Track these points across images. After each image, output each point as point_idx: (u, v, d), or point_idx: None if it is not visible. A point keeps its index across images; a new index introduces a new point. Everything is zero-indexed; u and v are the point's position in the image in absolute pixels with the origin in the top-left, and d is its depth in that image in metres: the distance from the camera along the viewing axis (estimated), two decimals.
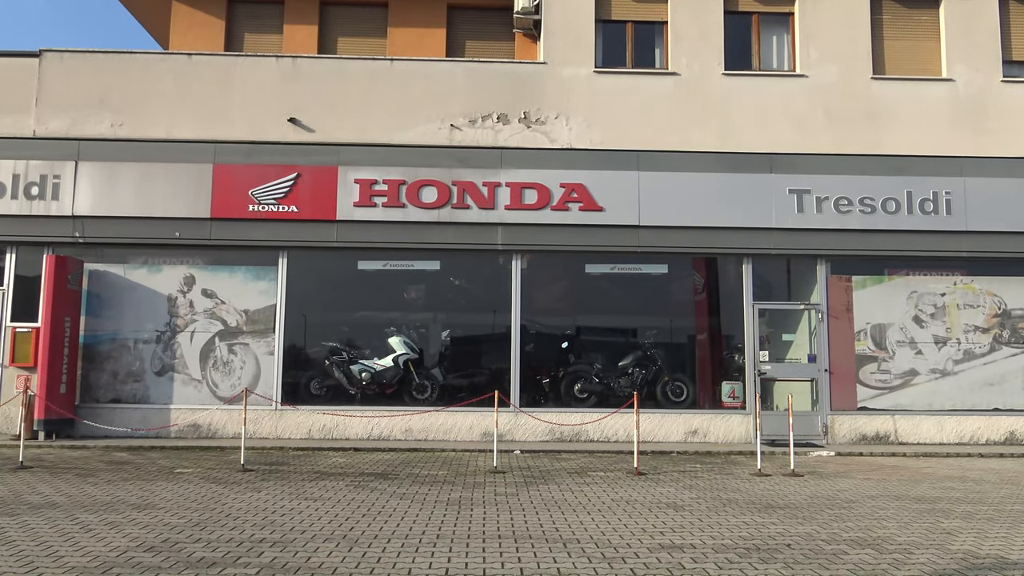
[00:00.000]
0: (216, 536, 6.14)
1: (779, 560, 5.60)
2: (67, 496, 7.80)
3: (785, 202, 13.14)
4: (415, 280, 13.62)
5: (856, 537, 6.37)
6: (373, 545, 5.91)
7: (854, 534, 6.48)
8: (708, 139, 13.29)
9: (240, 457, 10.04)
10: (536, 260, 13.33)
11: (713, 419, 12.94)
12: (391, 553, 5.66)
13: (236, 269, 13.16)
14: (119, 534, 6.16)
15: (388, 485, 8.69)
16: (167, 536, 6.12)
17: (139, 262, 13.12)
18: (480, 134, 13.20)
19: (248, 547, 5.81)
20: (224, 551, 5.69)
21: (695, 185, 13.12)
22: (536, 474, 9.62)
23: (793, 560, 5.61)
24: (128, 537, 6.06)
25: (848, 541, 6.23)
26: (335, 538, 6.12)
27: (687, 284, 13.90)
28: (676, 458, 11.36)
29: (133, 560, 5.39)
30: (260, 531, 6.34)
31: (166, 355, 12.93)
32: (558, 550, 5.81)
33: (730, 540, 6.20)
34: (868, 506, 7.76)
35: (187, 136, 13.01)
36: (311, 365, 13.32)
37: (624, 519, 6.96)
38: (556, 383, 13.31)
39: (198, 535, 6.17)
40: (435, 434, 12.69)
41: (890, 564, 5.52)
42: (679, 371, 13.58)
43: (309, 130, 13.11)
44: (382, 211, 12.91)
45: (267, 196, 12.84)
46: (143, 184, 12.86)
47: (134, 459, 10.60)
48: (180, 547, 5.78)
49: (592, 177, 13.05)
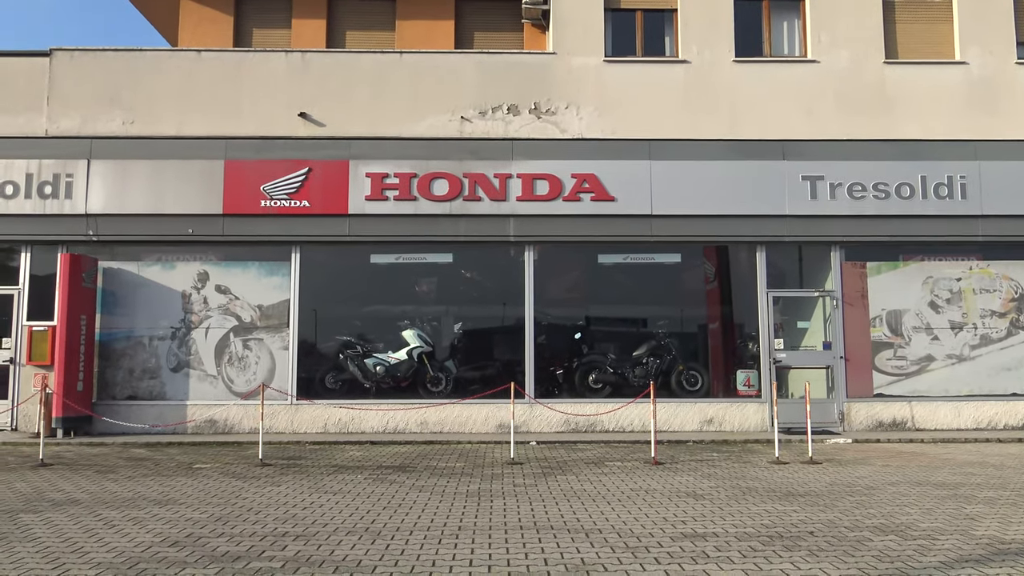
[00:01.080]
0: (239, 531, 6.16)
1: (803, 547, 5.58)
2: (88, 493, 7.84)
3: (798, 189, 13.06)
4: (427, 273, 13.62)
5: (879, 523, 6.35)
6: (396, 537, 5.92)
7: (877, 520, 6.46)
8: (720, 127, 13.22)
9: (258, 452, 10.08)
10: (548, 251, 13.30)
11: (729, 408, 12.90)
12: (414, 545, 5.67)
13: (249, 265, 13.18)
14: (142, 529, 6.19)
15: (407, 478, 8.71)
16: (190, 531, 6.14)
17: (153, 259, 13.16)
18: (491, 126, 13.17)
19: (271, 541, 5.83)
20: (248, 545, 5.71)
21: (707, 173, 13.05)
22: (553, 465, 9.64)
23: (817, 547, 5.59)
24: (152, 532, 6.09)
25: (871, 528, 6.21)
26: (357, 531, 6.14)
27: (700, 273, 13.86)
28: (693, 447, 11.35)
29: (158, 555, 5.41)
30: (282, 525, 6.36)
31: (181, 351, 12.97)
32: (580, 540, 5.81)
33: (752, 528, 6.19)
34: (889, 492, 7.73)
35: (198, 133, 13.02)
36: (325, 359, 13.35)
37: (645, 508, 6.96)
38: (570, 374, 13.31)
39: (221, 529, 6.19)
40: (450, 426, 12.70)
41: (915, 550, 5.49)
42: (693, 360, 13.55)
43: (319, 124, 13.10)
44: (394, 204, 12.89)
45: (279, 191, 12.83)
46: (155, 181, 12.88)
47: (152, 455, 10.67)
48: (204, 541, 5.80)
49: (603, 167, 13.00)
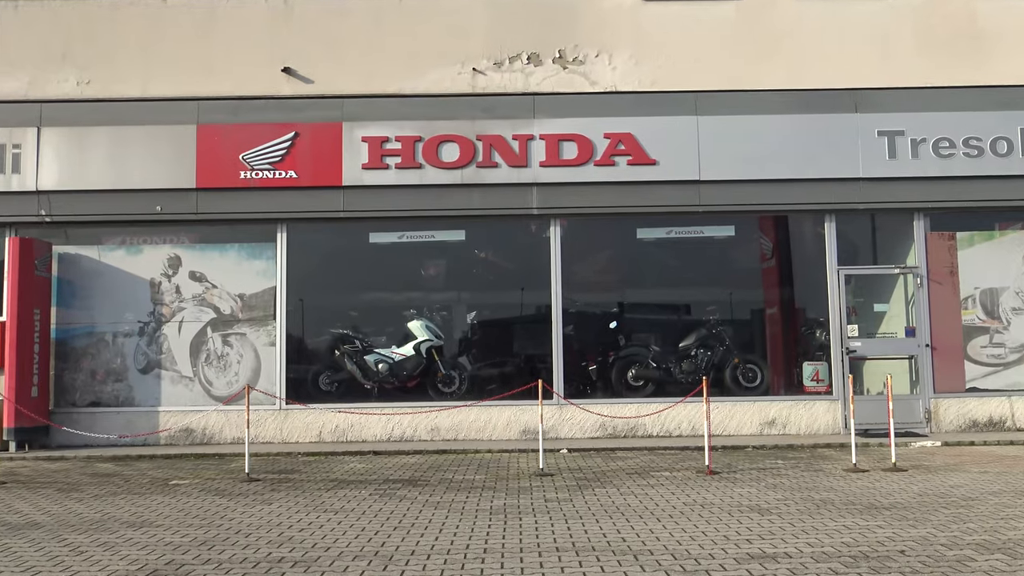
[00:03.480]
0: (228, 556, 6.19)
1: (893, 569, 5.54)
2: (50, 515, 7.88)
3: (873, 147, 12.91)
4: (436, 254, 13.63)
5: (982, 540, 6.29)
6: (411, 562, 5.92)
7: (979, 536, 6.40)
8: (778, 75, 13.07)
9: (243, 465, 10.11)
10: (578, 225, 13.25)
11: (794, 407, 12.86)
12: (433, 571, 5.68)
13: (228, 247, 13.20)
14: (116, 556, 6.22)
15: (419, 493, 8.73)
16: (171, 557, 6.17)
17: (116, 242, 13.18)
18: (507, 78, 13.09)
19: (267, 568, 5.85)
20: (240, 572, 5.73)
21: (765, 130, 12.93)
22: (590, 476, 9.64)
23: (911, 569, 5.54)
24: (127, 560, 6.12)
25: (973, 545, 6.15)
26: (366, 555, 6.14)
27: (756, 248, 13.86)
28: (752, 453, 11.36)
29: None
30: (277, 549, 6.38)
31: (151, 349, 13.03)
32: (628, 563, 5.79)
33: (831, 547, 6.16)
34: (990, 504, 7.67)
35: (165, 93, 13.00)
36: (319, 356, 13.41)
37: (701, 525, 6.94)
38: (605, 370, 13.31)
39: (206, 555, 6.22)
40: (466, 432, 12.74)
41: None
42: (750, 351, 13.57)
43: (306, 81, 13.06)
44: (395, 173, 12.87)
45: (261, 160, 12.82)
46: (117, 151, 12.89)
47: (121, 470, 10.72)
48: (188, 569, 5.83)
49: (642, 125, 12.90)
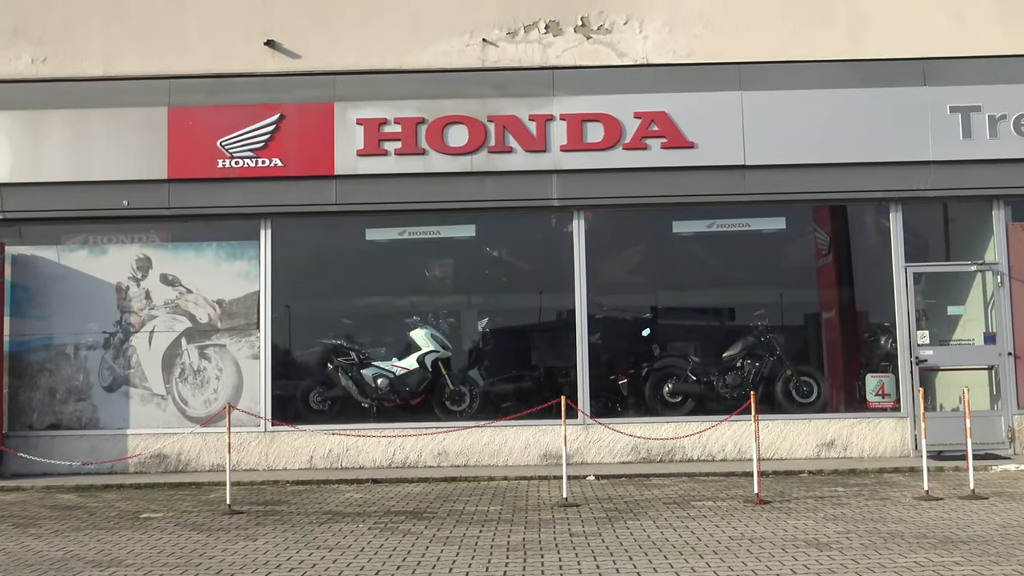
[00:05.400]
0: None
1: None
2: (6, 553, 7.85)
3: (945, 125, 12.85)
4: (442, 252, 13.64)
5: None
6: None
7: None
8: (835, 42, 13.02)
9: (224, 495, 10.08)
10: (605, 219, 13.26)
11: (855, 425, 12.77)
12: None
13: (205, 247, 13.22)
14: None
15: (425, 527, 8.68)
16: None
17: (77, 242, 13.21)
18: (523, 50, 13.07)
19: None
20: None
21: (820, 107, 12.90)
22: (621, 506, 9.61)
23: None
24: None
25: None
26: None
27: (810, 243, 13.83)
28: (808, 479, 11.29)
29: None
30: None
31: (118, 364, 13.01)
32: None
33: None
34: None
35: (132, 71, 13.02)
36: (309, 371, 13.43)
37: (752, 563, 6.89)
38: (638, 384, 13.32)
39: None
40: (478, 457, 12.70)
41: None
42: (803, 362, 13.58)
43: (293, 56, 13.07)
44: (395, 161, 12.86)
45: (241, 147, 12.82)
46: (78, 138, 12.91)
47: (85, 502, 10.67)
48: None
49: (678, 102, 12.87)
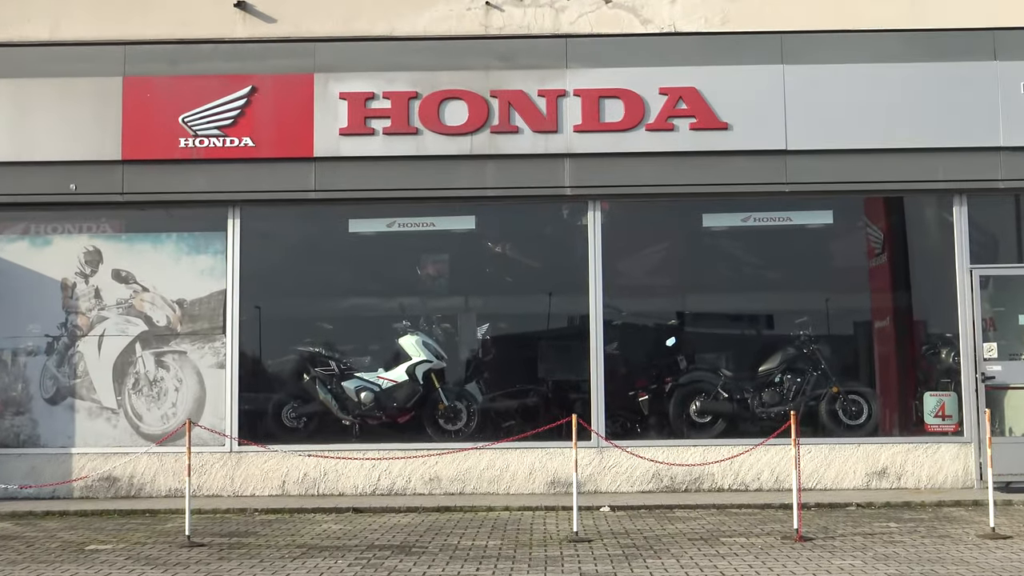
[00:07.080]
0: None
1: None
2: None
3: (1019, 106, 12.84)
4: (437, 247, 13.75)
5: None
6: None
7: None
8: (892, 10, 12.97)
9: (183, 524, 10.03)
10: (624, 210, 13.32)
11: (911, 451, 12.72)
12: None
13: (163, 238, 13.30)
14: None
15: (414, 564, 8.62)
16: None
17: (16, 232, 13.27)
18: (532, 15, 13.06)
19: None
20: None
21: (873, 84, 12.87)
22: (640, 542, 9.57)
23: None
24: None
25: None
26: None
27: (861, 241, 13.91)
28: (856, 513, 11.26)
29: None
30: None
31: (62, 373, 13.03)
32: None
33: None
34: None
35: (82, 36, 13.05)
36: (282, 382, 13.55)
37: None
38: (661, 401, 13.40)
39: None
40: (476, 483, 12.70)
41: None
42: (852, 378, 13.71)
43: (268, 19, 13.06)
44: (383, 141, 12.87)
45: (207, 124, 12.85)
46: (18, 112, 12.97)
47: (23, 532, 10.66)
48: None
49: (710, 77, 12.87)
